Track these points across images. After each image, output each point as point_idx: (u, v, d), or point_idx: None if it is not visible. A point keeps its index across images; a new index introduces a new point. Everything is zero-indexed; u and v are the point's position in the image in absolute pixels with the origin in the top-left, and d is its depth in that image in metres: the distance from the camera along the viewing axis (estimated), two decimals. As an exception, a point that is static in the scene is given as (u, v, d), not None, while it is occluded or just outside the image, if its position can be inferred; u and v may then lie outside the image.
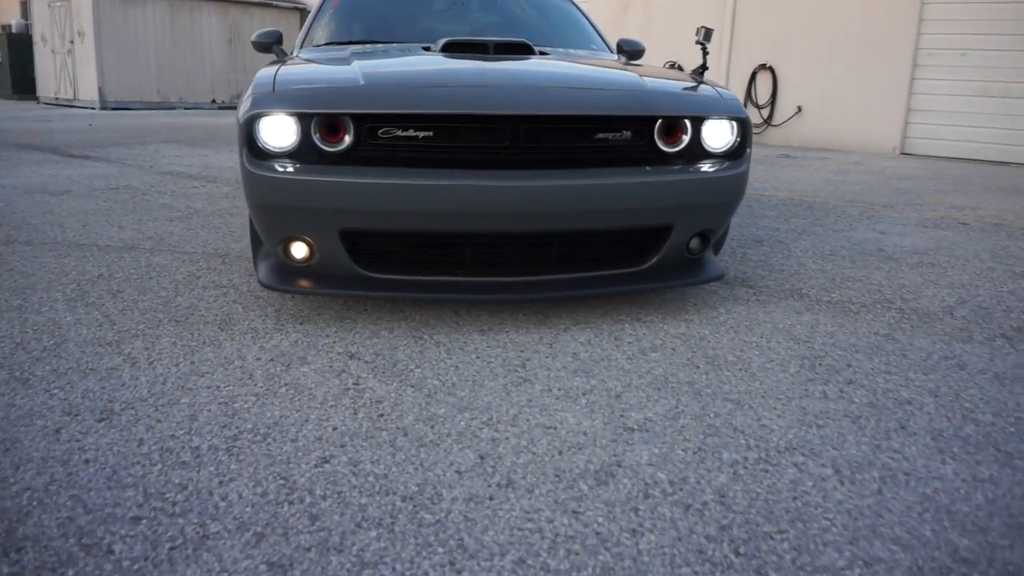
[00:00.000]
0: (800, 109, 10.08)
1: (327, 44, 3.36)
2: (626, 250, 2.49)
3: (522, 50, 2.70)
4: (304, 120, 2.22)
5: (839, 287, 3.08)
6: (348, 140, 2.25)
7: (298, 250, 2.39)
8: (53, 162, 6.47)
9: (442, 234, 2.32)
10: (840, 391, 2.04)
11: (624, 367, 2.17)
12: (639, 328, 2.50)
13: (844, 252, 3.72)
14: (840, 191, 5.95)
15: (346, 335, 2.38)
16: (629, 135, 2.38)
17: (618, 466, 1.62)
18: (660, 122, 2.40)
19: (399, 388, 2.00)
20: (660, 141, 2.42)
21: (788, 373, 2.16)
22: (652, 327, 2.51)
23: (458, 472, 1.59)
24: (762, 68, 10.39)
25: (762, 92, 10.40)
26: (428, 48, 2.86)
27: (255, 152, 2.24)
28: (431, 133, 2.24)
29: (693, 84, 2.61)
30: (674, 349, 2.32)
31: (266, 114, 2.21)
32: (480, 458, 1.65)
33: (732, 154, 2.49)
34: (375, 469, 1.59)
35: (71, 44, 14.01)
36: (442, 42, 2.71)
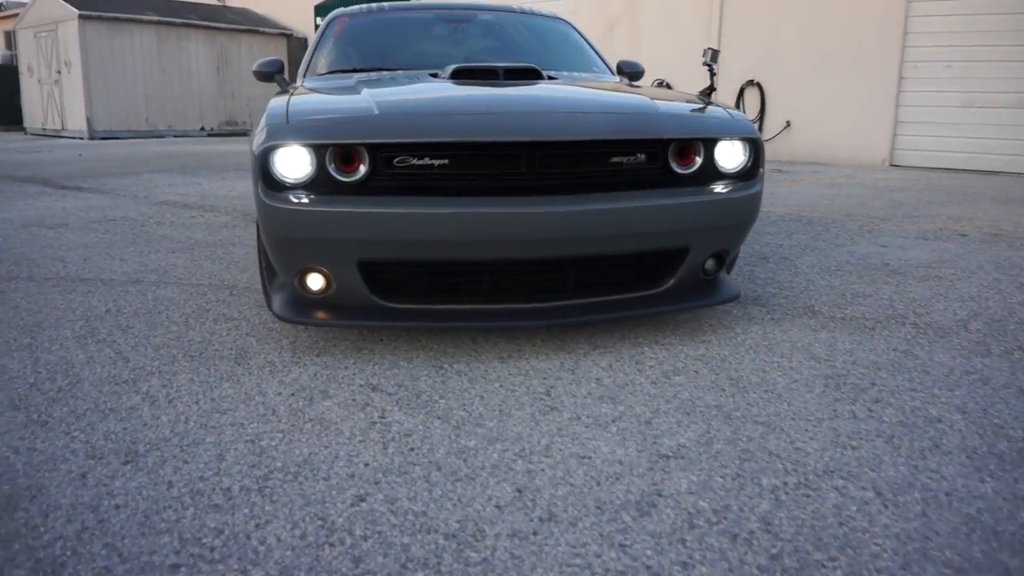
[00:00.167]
0: (789, 124, 10.17)
1: (331, 72, 3.36)
2: (642, 273, 2.49)
3: (531, 75, 2.71)
4: (319, 151, 2.21)
5: (851, 303, 3.08)
6: (363, 170, 2.24)
7: (314, 281, 2.37)
8: (46, 194, 6.43)
9: (460, 262, 2.30)
10: (869, 410, 2.03)
11: (650, 392, 2.15)
12: (659, 351, 2.48)
13: (850, 267, 3.73)
14: (836, 205, 5.98)
15: (365, 366, 2.35)
16: (643, 158, 2.38)
17: (659, 495, 1.60)
18: (673, 144, 2.40)
19: (426, 420, 1.98)
20: (673, 163, 2.42)
21: (814, 393, 2.15)
22: (671, 349, 2.50)
23: (498, 507, 1.56)
24: (750, 84, 10.48)
25: (750, 108, 10.49)
26: (436, 75, 2.87)
27: (270, 184, 2.22)
28: (447, 161, 2.23)
29: (704, 106, 2.62)
30: (697, 372, 2.31)
31: (281, 146, 2.20)
32: (518, 491, 1.62)
33: (745, 175, 2.49)
34: (413, 506, 1.57)
35: (58, 74, 13.98)
36: (451, 69, 2.72)
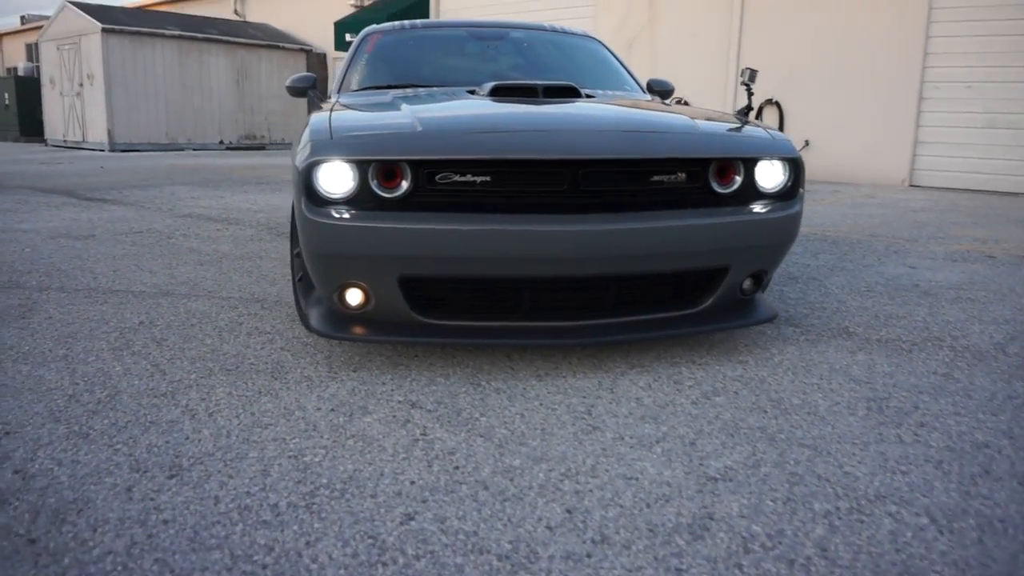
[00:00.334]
0: (808, 143, 10.15)
1: (366, 88, 3.38)
2: (682, 292, 2.48)
3: (570, 93, 2.71)
4: (363, 167, 2.22)
5: (885, 325, 3.06)
6: (405, 186, 2.24)
7: (353, 297, 2.37)
8: (71, 206, 6.48)
9: (500, 279, 2.30)
10: (915, 435, 2.01)
11: (691, 412, 2.14)
12: (696, 371, 2.47)
13: (880, 288, 3.71)
14: (859, 225, 5.96)
15: (403, 382, 2.35)
16: (684, 177, 2.38)
17: (710, 519, 1.59)
18: (714, 163, 2.40)
19: (468, 438, 1.97)
20: (714, 182, 2.42)
21: (857, 416, 2.13)
22: (709, 370, 2.48)
23: (549, 528, 1.55)
24: (768, 103, 10.48)
25: (769, 126, 10.47)
26: (473, 91, 2.88)
27: (313, 199, 2.23)
28: (489, 178, 2.24)
29: (743, 125, 2.62)
30: (736, 392, 2.29)
31: (325, 161, 2.21)
32: (568, 512, 1.61)
33: (785, 194, 2.49)
34: (463, 526, 1.55)
35: (80, 87, 14.13)
36: (489, 86, 2.73)
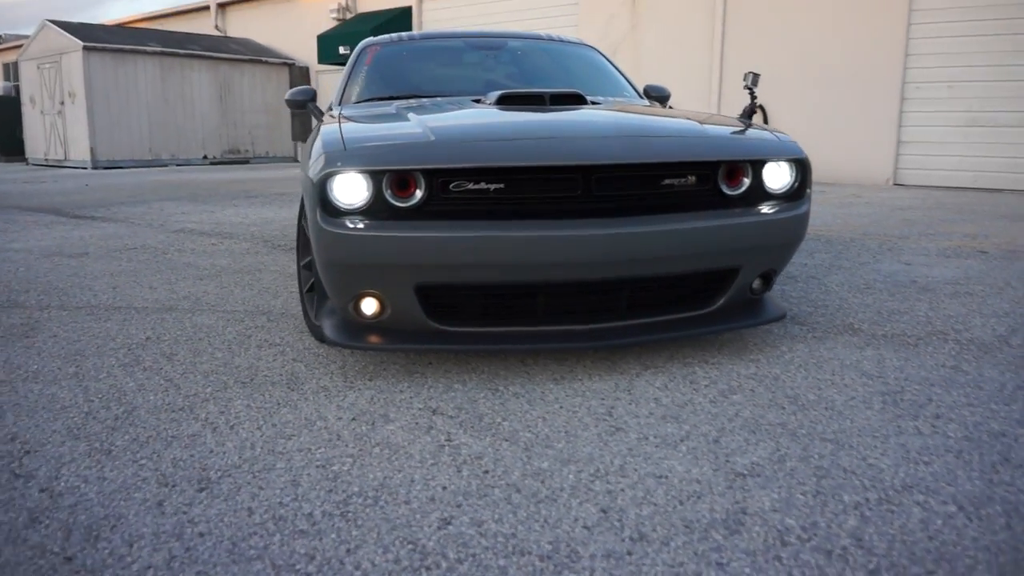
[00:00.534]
0: (792, 144, 10.24)
1: (367, 100, 3.39)
2: (694, 293, 2.51)
3: (576, 100, 2.74)
4: (377, 177, 2.23)
5: (888, 320, 3.10)
6: (420, 195, 2.25)
7: (368, 306, 2.38)
8: (60, 224, 6.43)
9: (516, 284, 2.31)
10: (932, 426, 2.04)
11: (711, 411, 2.16)
12: (710, 370, 2.49)
13: (879, 285, 3.76)
14: (850, 224, 6.03)
15: (420, 390, 2.36)
16: (693, 180, 2.40)
17: (744, 513, 1.60)
18: (723, 166, 2.43)
19: (494, 443, 1.98)
20: (723, 184, 2.45)
21: (874, 410, 2.16)
22: (722, 369, 2.51)
23: (586, 528, 1.56)
24: (753, 106, 10.56)
25: (753, 129, 10.57)
26: (478, 100, 2.90)
27: (328, 210, 2.24)
28: (503, 185, 2.25)
29: (749, 128, 2.66)
30: (752, 390, 2.32)
31: (339, 172, 2.22)
32: (603, 512, 1.62)
33: (793, 195, 2.52)
34: (501, 529, 1.56)
35: (61, 105, 14.04)
36: (496, 95, 2.75)
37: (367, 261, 2.22)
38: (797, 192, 2.53)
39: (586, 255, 2.25)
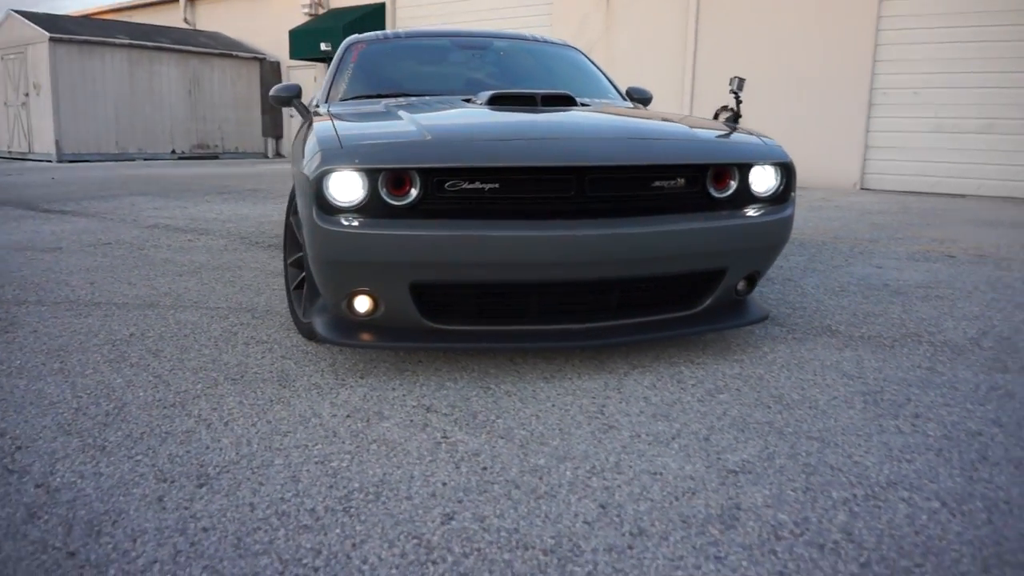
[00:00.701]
0: (763, 148, 10.41)
1: (355, 98, 3.40)
2: (682, 293, 2.56)
3: (566, 102, 2.78)
4: (373, 175, 2.24)
5: (864, 322, 3.19)
6: (415, 193, 2.27)
7: (362, 304, 2.39)
8: (30, 218, 6.32)
9: (509, 283, 2.34)
10: (912, 425, 2.11)
11: (699, 410, 2.21)
12: (696, 370, 2.55)
13: (853, 288, 3.85)
14: (821, 227, 6.15)
15: (412, 388, 2.37)
16: (683, 182, 2.45)
17: (738, 509, 1.65)
18: (711, 169, 2.48)
19: (490, 440, 2.00)
20: (711, 187, 2.50)
21: (856, 409, 2.23)
22: (708, 368, 2.56)
23: (587, 523, 1.60)
24: (724, 109, 10.71)
25: (725, 132, 10.72)
26: (468, 100, 2.92)
27: (324, 207, 2.25)
28: (498, 185, 2.28)
29: (737, 132, 2.72)
30: (738, 390, 2.37)
31: (336, 170, 2.23)
32: (602, 507, 1.66)
33: (778, 198, 2.58)
34: (503, 524, 1.59)
35: (26, 96, 13.75)
36: (487, 95, 2.77)
37: (362, 259, 2.24)
38: (782, 195, 2.59)
39: (579, 255, 2.29)
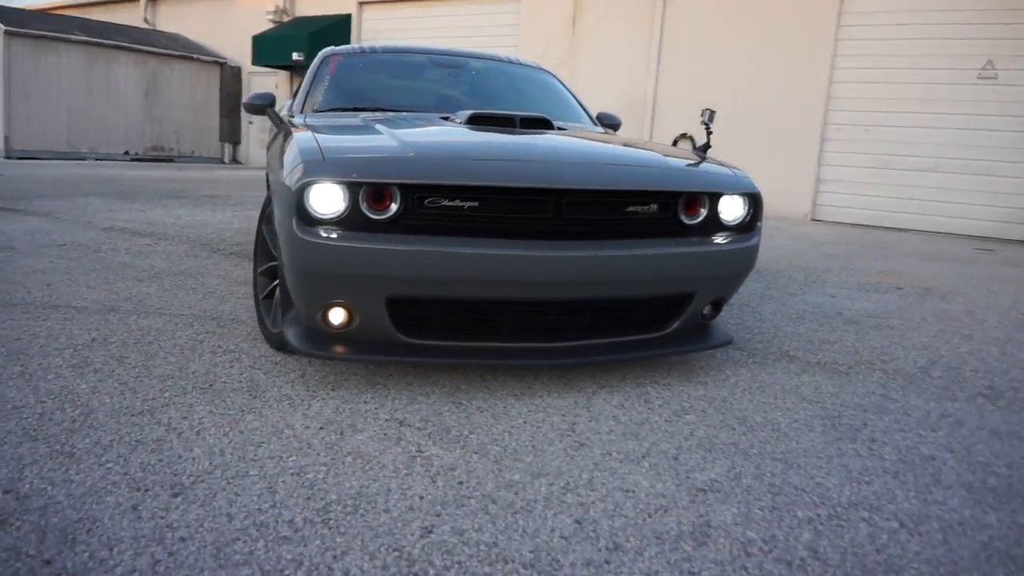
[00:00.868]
0: (719, 175, 10.65)
1: (331, 110, 3.41)
2: (652, 316, 2.62)
3: (543, 125, 2.84)
4: (355, 189, 2.26)
5: (820, 349, 3.30)
6: (395, 208, 2.30)
7: (336, 316, 2.40)
8: (-21, 216, 6.14)
9: (485, 301, 2.38)
10: (869, 449, 2.20)
11: (667, 430, 2.27)
12: (662, 391, 2.61)
13: (809, 316, 3.98)
14: (776, 256, 6.33)
15: (385, 401, 2.39)
16: (655, 208, 2.53)
17: (708, 526, 1.71)
18: (683, 197, 2.56)
19: (464, 455, 2.03)
20: (681, 214, 2.58)
21: (816, 432, 2.31)
22: (673, 390, 2.63)
23: (563, 537, 1.63)
24: (683, 137, 10.96)
25: (683, 159, 10.95)
26: (446, 118, 2.96)
27: (304, 219, 2.26)
28: (477, 203, 2.32)
29: (706, 161, 2.81)
30: (704, 411, 2.44)
31: (317, 182, 2.24)
32: (577, 523, 1.70)
33: (745, 227, 2.68)
34: (482, 537, 1.62)
35: (-27, 90, 13.34)
36: (466, 114, 2.82)
37: (341, 271, 2.25)
38: (749, 224, 2.68)
39: (555, 275, 2.33)
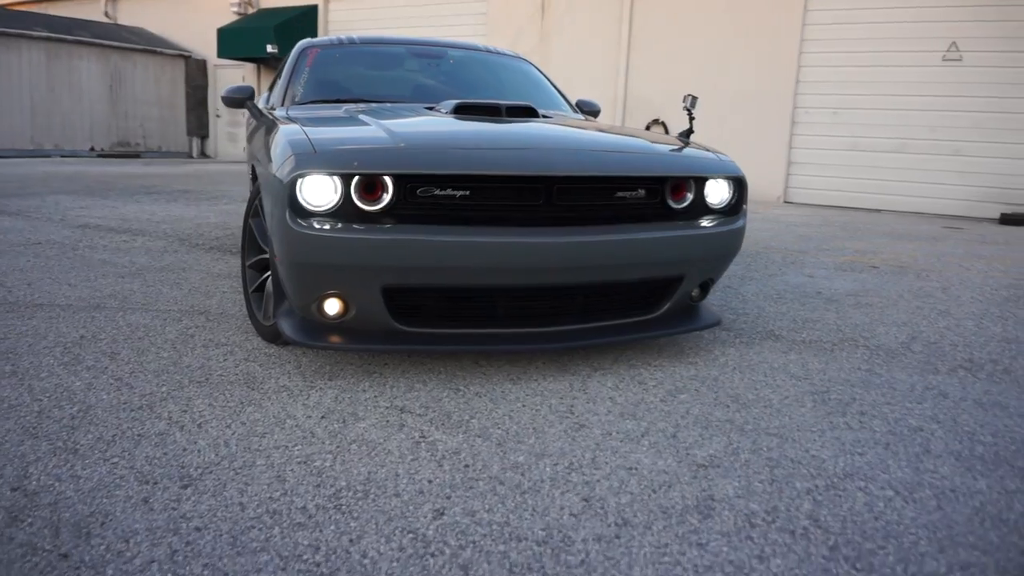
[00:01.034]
0: (692, 161, 10.75)
1: (313, 102, 3.39)
2: (642, 299, 2.67)
3: (529, 113, 2.86)
4: (347, 180, 2.27)
5: (803, 328, 3.37)
6: (387, 199, 2.31)
7: (332, 306, 2.41)
8: (-53, 216, 6.02)
9: (479, 288, 2.40)
10: (860, 422, 2.27)
11: (663, 409, 2.32)
12: (654, 372, 2.66)
13: (790, 296, 4.06)
14: (753, 238, 6.42)
15: (383, 389, 2.41)
16: (643, 194, 2.57)
17: (712, 500, 1.76)
18: (670, 181, 2.60)
19: (467, 439, 2.06)
20: (669, 199, 2.62)
21: (807, 408, 2.37)
22: (665, 371, 2.68)
23: (573, 515, 1.67)
24: (655, 123, 11.04)
25: (656, 145, 11.03)
26: (431, 108, 2.97)
27: (297, 211, 2.26)
28: (468, 192, 2.34)
29: (693, 146, 2.85)
30: (697, 390, 2.49)
31: (309, 174, 2.25)
32: (585, 501, 1.74)
33: (731, 210, 2.72)
34: (494, 517, 1.65)
35: (-69, 88, 13.02)
36: (452, 104, 2.83)
37: (336, 262, 2.26)
38: (735, 207, 2.73)
39: (547, 261, 2.37)
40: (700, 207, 2.68)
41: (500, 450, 2.00)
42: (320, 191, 2.28)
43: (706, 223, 2.66)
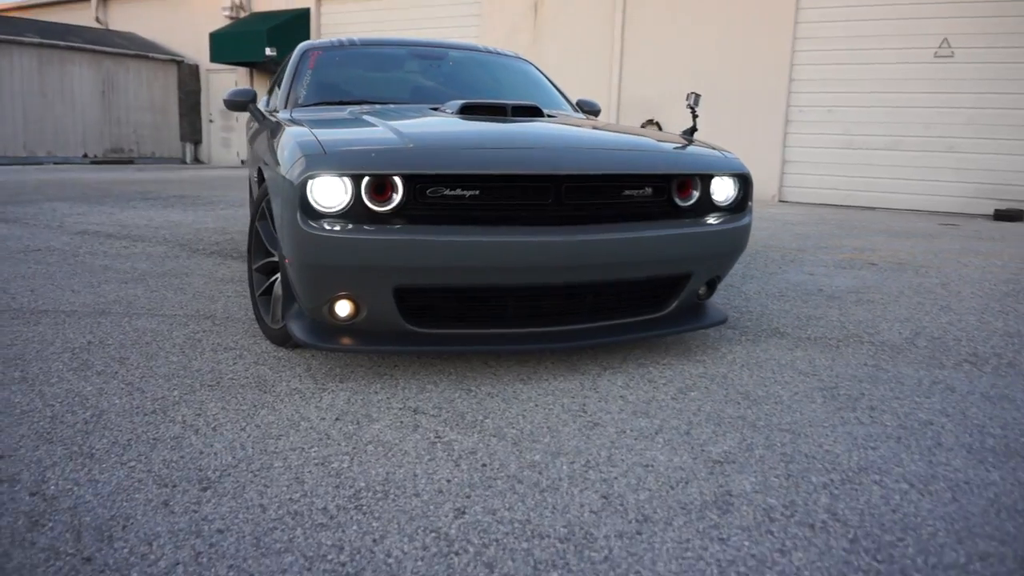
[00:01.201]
0: (687, 160, 10.78)
1: (317, 104, 3.40)
2: (650, 297, 2.68)
3: (534, 113, 2.87)
4: (357, 181, 2.27)
5: (808, 325, 3.39)
6: (397, 199, 2.32)
7: (343, 308, 2.41)
8: (-56, 223, 6.00)
9: (490, 288, 2.41)
10: (870, 417, 2.28)
11: (674, 407, 2.33)
12: (664, 370, 2.67)
13: (792, 294, 4.08)
14: (751, 237, 6.44)
15: (395, 391, 2.41)
16: (650, 192, 2.58)
17: (730, 495, 1.77)
18: (676, 179, 2.61)
19: (483, 439, 2.06)
20: (675, 196, 2.63)
21: (817, 404, 2.39)
22: (674, 369, 2.69)
23: (593, 512, 1.68)
24: (649, 123, 11.07)
25: (651, 145, 11.06)
26: (436, 108, 2.98)
27: (308, 213, 2.26)
28: (478, 192, 2.35)
29: (695, 144, 2.87)
30: (707, 388, 2.50)
31: (319, 175, 2.25)
32: (604, 498, 1.75)
33: (737, 207, 2.74)
34: (515, 516, 1.66)
35: (-78, 95, 12.96)
36: (458, 104, 2.84)
37: (348, 263, 2.26)
38: (740, 204, 2.75)
39: (556, 260, 2.37)
40: (707, 204, 2.70)
41: (516, 449, 2.00)
42: (330, 192, 2.28)
43: (713, 220, 2.68)
